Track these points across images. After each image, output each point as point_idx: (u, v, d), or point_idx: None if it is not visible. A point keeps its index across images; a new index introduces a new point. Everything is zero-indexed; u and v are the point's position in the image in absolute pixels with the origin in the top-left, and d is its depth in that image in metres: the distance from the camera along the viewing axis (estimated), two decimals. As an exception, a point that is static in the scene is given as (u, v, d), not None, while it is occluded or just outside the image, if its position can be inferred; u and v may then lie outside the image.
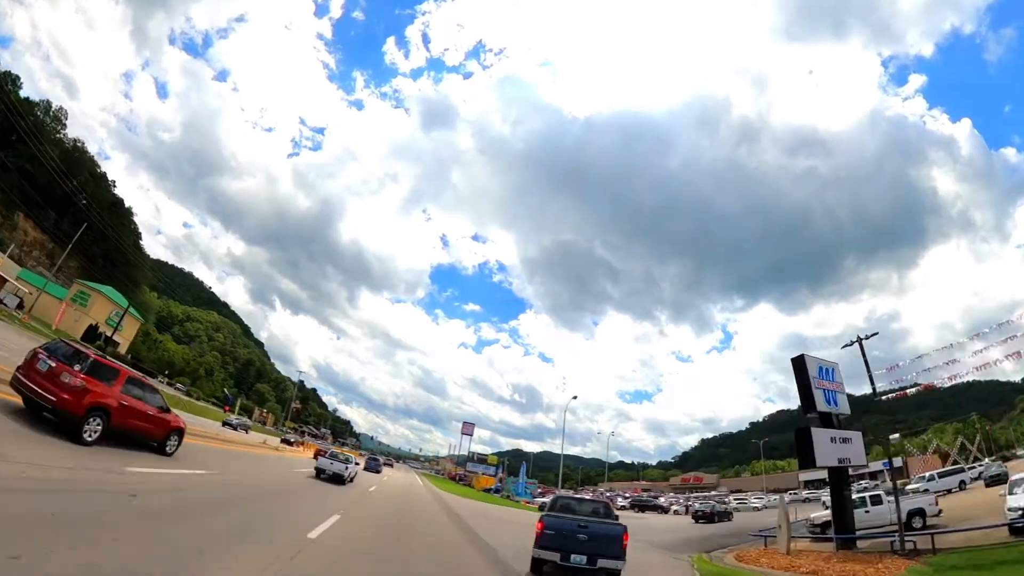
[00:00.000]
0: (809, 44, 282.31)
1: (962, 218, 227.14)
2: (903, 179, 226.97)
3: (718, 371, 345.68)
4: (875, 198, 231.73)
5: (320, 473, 18.55)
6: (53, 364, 8.02)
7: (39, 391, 7.78)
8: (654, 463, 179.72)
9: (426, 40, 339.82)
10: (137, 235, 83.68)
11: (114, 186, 79.25)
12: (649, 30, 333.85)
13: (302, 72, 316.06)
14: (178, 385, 67.40)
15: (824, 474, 74.75)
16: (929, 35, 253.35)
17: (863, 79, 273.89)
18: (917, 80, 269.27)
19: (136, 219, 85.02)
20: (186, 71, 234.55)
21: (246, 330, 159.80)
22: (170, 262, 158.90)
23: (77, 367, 8.23)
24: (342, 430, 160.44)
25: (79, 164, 65.54)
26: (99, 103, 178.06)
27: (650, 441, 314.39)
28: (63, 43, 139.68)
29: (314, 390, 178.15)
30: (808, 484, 69.30)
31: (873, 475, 60.53)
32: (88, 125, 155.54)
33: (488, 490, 56.35)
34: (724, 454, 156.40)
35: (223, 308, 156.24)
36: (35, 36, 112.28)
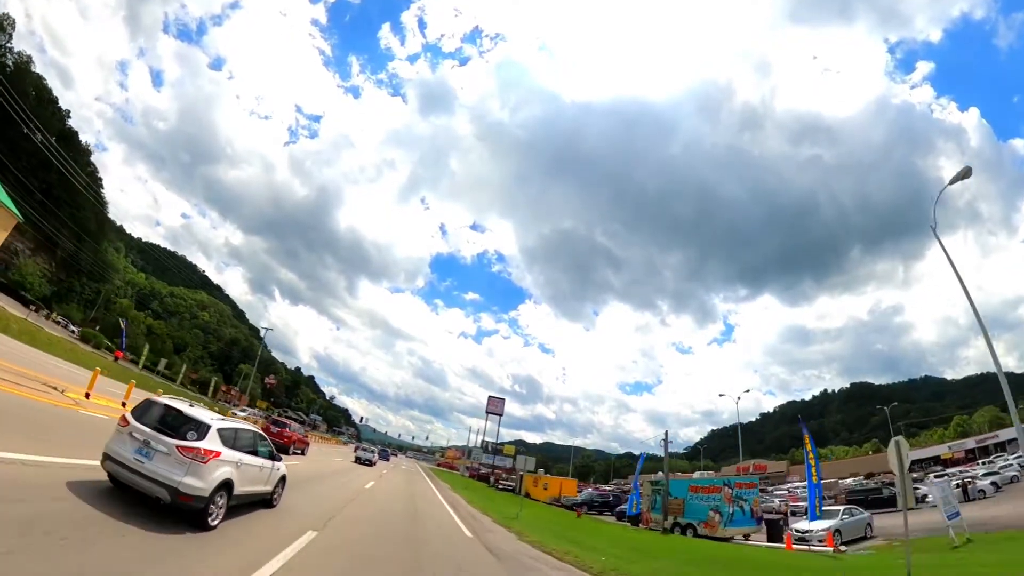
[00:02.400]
0: (814, 27, 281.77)
1: (970, 210, 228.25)
2: (910, 168, 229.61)
3: (718, 363, 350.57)
4: (881, 187, 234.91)
5: (358, 460, 32.98)
6: (277, 429, 24.19)
7: (275, 439, 17.80)
8: (662, 455, 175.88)
9: (422, 26, 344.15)
10: (95, 180, 72.78)
11: (68, 117, 70.42)
12: (649, 12, 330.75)
13: (298, 59, 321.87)
14: (71, 327, 56.85)
15: (933, 452, 64.67)
16: (937, 20, 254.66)
17: (869, 65, 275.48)
18: (925, 67, 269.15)
19: (94, 159, 77.83)
20: (181, 60, 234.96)
21: (241, 315, 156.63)
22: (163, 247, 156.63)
23: (287, 429, 25.01)
24: (337, 419, 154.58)
25: (21, 80, 56.42)
26: (94, 93, 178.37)
27: (650, 432, 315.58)
28: (58, 31, 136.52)
29: (311, 378, 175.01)
30: (915, 464, 62.75)
31: (1000, 446, 55.11)
32: (85, 116, 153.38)
33: (575, 506, 31.65)
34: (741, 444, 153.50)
35: (216, 291, 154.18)
36: (30, 26, 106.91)
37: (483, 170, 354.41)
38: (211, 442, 5.70)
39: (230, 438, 6.25)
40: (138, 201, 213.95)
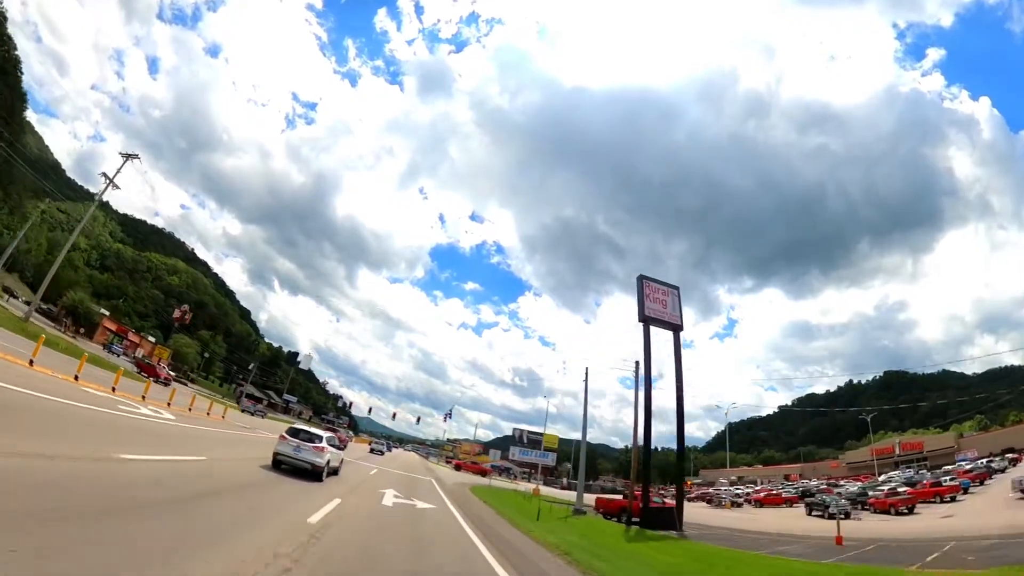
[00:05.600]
0: (820, 10, 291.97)
1: (980, 203, 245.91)
2: (919, 160, 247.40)
3: (720, 358, 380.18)
4: (890, 178, 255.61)
5: (372, 451, 53.46)
6: (340, 436, 30.42)
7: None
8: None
9: (419, 11, 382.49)
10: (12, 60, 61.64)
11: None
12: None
13: (294, 44, 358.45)
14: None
15: None
16: (949, 4, 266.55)
17: (878, 51, 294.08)
18: (935, 54, 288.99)
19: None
20: (177, 47, 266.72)
21: (231, 297, 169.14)
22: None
23: (339, 432, 44.03)
24: (323, 404, 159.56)
25: None
26: (90, 81, 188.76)
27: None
28: (53, 18, 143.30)
29: (310, 369, 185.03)
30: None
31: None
32: (82, 106, 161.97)
33: None
34: (767, 437, 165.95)
35: (203, 267, 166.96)
36: (25, 14, 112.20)
37: (482, 157, 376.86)
38: (324, 443, 15.19)
39: (329, 441, 15.85)
40: (137, 192, 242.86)
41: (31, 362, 17.52)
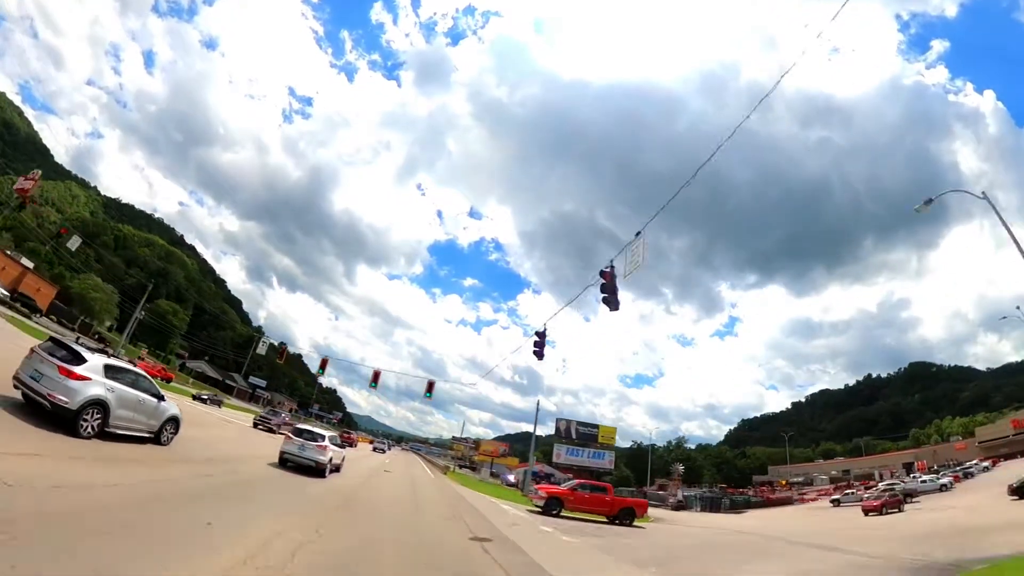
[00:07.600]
0: (823, 0, 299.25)
1: (985, 198, 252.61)
2: (924, 153, 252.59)
3: (720, 357, 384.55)
4: (894, 172, 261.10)
5: (375, 449, 70.08)
6: (351, 437, 63.35)
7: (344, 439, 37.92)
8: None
9: (415, 3, 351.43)
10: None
11: None
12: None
13: (291, 38, 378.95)
14: None
15: None
16: None
17: (881, 43, 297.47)
18: (940, 46, 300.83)
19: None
20: (173, 40, 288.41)
21: (220, 283, 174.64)
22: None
23: (351, 434, 71.14)
24: (308, 395, 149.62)
25: None
26: (86, 75, 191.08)
27: (652, 426, 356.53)
28: (49, 10, 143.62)
29: (299, 356, 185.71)
30: None
31: None
32: (79, 102, 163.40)
33: None
34: (791, 433, 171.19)
35: (188, 249, 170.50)
36: (24, 10, 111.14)
37: (481, 152, 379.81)
38: (326, 443, 17.34)
39: (331, 439, 18.05)
40: (136, 189, 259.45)
41: None
